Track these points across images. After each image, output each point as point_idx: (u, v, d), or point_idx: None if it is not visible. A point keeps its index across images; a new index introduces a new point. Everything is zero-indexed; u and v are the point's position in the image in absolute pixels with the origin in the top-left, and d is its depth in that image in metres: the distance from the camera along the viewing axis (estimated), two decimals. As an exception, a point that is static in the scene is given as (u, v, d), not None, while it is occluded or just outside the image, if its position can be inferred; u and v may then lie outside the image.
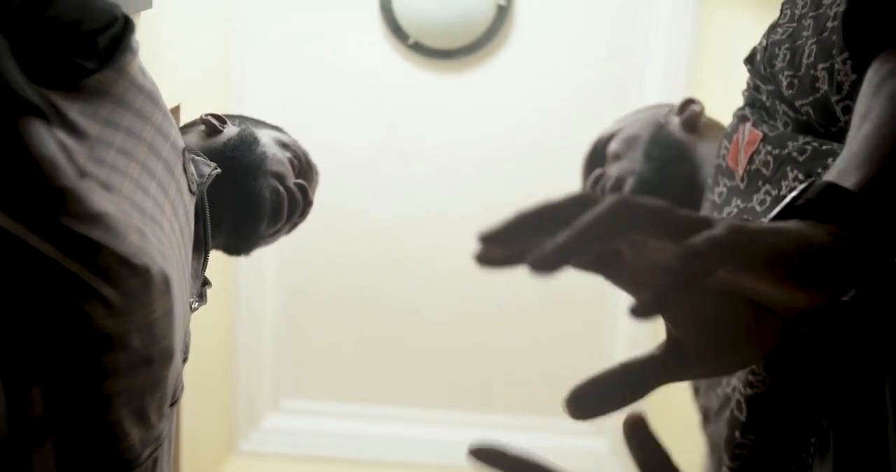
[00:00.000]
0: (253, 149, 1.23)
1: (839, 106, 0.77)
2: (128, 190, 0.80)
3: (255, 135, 1.26)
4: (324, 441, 3.16)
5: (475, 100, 2.89)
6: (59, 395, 0.77)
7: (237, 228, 1.22)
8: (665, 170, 1.30)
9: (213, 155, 1.18)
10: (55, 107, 0.75)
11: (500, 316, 3.08)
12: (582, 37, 2.84)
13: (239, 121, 1.33)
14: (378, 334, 3.11)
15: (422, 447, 3.15)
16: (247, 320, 3.04)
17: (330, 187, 2.90)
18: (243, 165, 1.20)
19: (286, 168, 1.27)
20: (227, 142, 1.23)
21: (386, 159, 2.94)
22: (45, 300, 0.74)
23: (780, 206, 0.54)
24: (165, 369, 0.87)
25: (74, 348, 0.76)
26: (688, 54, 2.76)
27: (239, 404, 3.12)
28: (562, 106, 2.87)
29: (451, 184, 2.96)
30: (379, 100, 2.90)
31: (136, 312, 0.80)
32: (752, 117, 0.92)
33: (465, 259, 2.33)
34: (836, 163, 0.58)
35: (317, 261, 3.04)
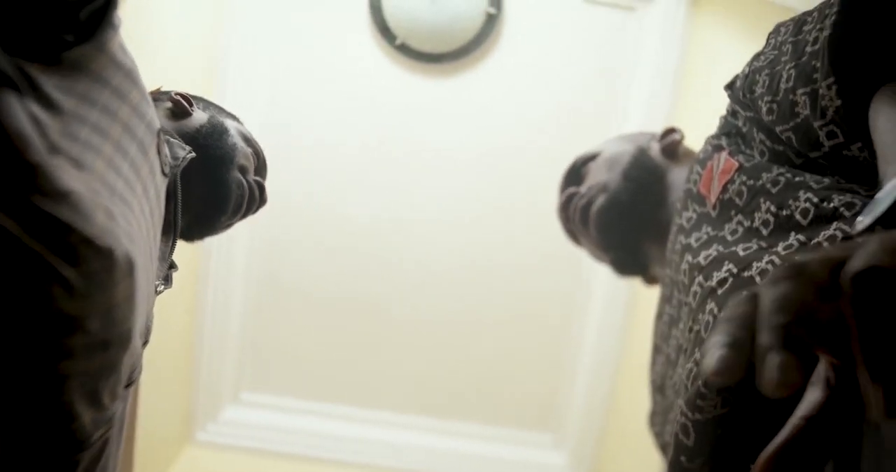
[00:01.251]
0: (224, 139, 1.23)
1: (823, 131, 0.78)
2: (99, 168, 0.79)
3: (224, 124, 1.26)
4: (282, 437, 3.14)
5: (460, 105, 2.90)
6: (12, 372, 0.76)
7: (198, 216, 1.22)
8: (639, 191, 1.32)
9: (185, 140, 1.17)
10: (31, 79, 0.73)
11: (472, 325, 3.08)
12: (570, 48, 2.85)
13: (203, 105, 1.32)
14: (346, 334, 3.10)
15: (381, 449, 3.14)
16: (213, 308, 3.02)
17: (310, 184, 2.91)
18: (216, 156, 1.20)
19: (250, 162, 1.27)
20: (199, 128, 1.22)
21: (368, 159, 2.94)
22: (4, 278, 0.72)
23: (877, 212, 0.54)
24: (122, 353, 0.86)
25: (32, 328, 0.75)
26: (674, 66, 2.78)
27: (199, 393, 3.09)
28: (547, 114, 2.88)
29: (432, 187, 2.96)
30: (364, 100, 2.90)
31: (97, 295, 0.78)
32: (729, 147, 0.93)
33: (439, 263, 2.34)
34: None
35: (290, 255, 3.03)
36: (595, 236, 1.37)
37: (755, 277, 0.77)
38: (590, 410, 3.09)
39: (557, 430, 3.19)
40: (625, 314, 2.97)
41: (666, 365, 1.12)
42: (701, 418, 0.75)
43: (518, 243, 2.98)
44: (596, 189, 1.37)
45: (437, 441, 3.17)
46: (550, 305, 3.06)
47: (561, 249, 1.82)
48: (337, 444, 3.14)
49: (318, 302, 3.07)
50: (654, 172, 1.34)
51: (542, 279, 3.02)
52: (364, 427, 3.17)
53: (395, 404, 3.18)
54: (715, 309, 0.80)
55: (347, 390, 3.17)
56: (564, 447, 3.18)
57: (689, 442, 0.77)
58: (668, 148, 1.37)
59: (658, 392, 1.19)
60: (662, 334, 1.13)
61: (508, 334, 3.08)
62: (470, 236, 2.99)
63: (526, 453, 3.18)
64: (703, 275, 0.85)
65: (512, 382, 3.13)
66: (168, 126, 1.21)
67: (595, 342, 3.05)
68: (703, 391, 0.74)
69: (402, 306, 3.07)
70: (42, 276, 0.73)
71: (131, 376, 0.94)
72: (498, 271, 3.01)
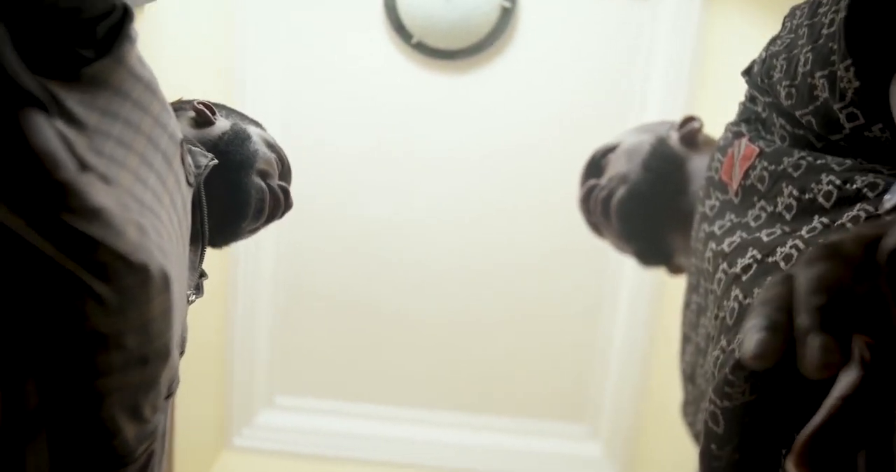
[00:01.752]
0: (246, 145, 1.23)
1: (843, 113, 0.77)
2: (127, 182, 0.79)
3: (247, 131, 1.27)
4: (317, 439, 3.16)
5: (477, 101, 2.89)
6: (53, 389, 0.76)
7: (220, 222, 1.22)
8: (660, 181, 1.31)
9: (207, 147, 1.18)
10: (54, 96, 0.74)
11: (500, 320, 3.08)
12: (586, 40, 2.84)
13: (226, 113, 1.32)
14: (373, 334, 3.11)
15: (415, 447, 3.15)
16: (243, 315, 3.04)
17: (330, 185, 2.92)
18: (236, 161, 1.21)
19: (273, 168, 1.28)
20: (221, 136, 1.23)
21: (386, 159, 2.94)
22: (39, 296, 0.73)
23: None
24: (161, 367, 0.87)
25: (67, 345, 0.76)
26: (691, 57, 2.76)
27: (233, 399, 3.12)
28: (564, 109, 2.87)
29: (450, 185, 2.96)
30: (380, 99, 2.90)
31: (132, 311, 0.79)
32: (749, 133, 0.93)
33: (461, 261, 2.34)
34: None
35: (314, 259, 3.04)
36: (617, 227, 1.37)
37: (780, 262, 0.77)
38: (623, 399, 3.08)
39: (592, 420, 3.19)
40: (652, 302, 2.96)
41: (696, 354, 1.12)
42: (730, 405, 0.75)
43: (542, 237, 2.97)
44: (616, 180, 1.36)
45: (472, 437, 3.17)
46: (578, 296, 3.05)
47: (586, 241, 1.82)
48: (372, 443, 3.15)
49: (345, 304, 3.08)
50: (673, 161, 1.33)
51: (568, 272, 3.01)
52: (399, 426, 3.18)
53: (429, 401, 3.19)
54: (740, 296, 0.80)
55: (381, 389, 3.18)
56: (600, 438, 3.18)
57: (718, 430, 0.77)
58: (687, 137, 1.36)
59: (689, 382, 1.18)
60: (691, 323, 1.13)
61: (537, 327, 3.08)
62: (494, 233, 2.98)
63: (561, 445, 3.17)
64: (728, 262, 0.85)
65: (543, 375, 3.13)
66: (191, 135, 1.21)
67: (624, 331, 3.04)
68: (730, 379, 0.73)
69: (430, 304, 3.08)
70: (76, 294, 0.74)
71: (170, 387, 0.95)
72: (524, 266, 3.01)
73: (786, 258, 0.76)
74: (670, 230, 1.33)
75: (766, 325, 0.45)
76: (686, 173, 1.31)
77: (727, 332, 0.80)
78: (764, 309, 0.46)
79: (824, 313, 0.43)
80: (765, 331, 0.44)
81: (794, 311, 0.46)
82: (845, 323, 0.43)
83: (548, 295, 3.04)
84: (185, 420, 2.41)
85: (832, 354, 0.41)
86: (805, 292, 0.45)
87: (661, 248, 1.38)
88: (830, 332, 0.42)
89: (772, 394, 0.72)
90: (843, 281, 0.45)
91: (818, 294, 0.44)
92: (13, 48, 0.70)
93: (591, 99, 2.86)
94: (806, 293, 0.45)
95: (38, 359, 0.75)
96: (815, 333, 0.42)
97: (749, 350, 0.44)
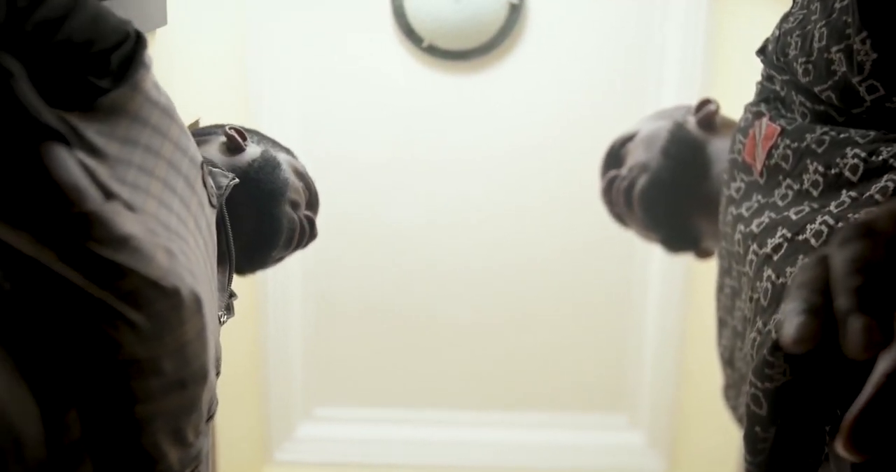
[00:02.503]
0: (276, 173, 1.24)
1: (863, 86, 0.77)
2: (151, 208, 0.80)
3: (277, 159, 1.27)
4: (358, 448, 3.17)
5: (493, 100, 2.89)
6: (95, 418, 0.77)
7: (249, 250, 1.23)
8: (680, 167, 1.31)
9: (237, 174, 1.18)
10: (73, 129, 0.74)
11: (530, 316, 3.07)
12: (596, 32, 2.83)
13: (258, 139, 1.33)
14: (405, 338, 3.11)
15: (456, 448, 3.16)
16: (275, 330, 3.05)
17: (353, 194, 2.93)
18: (267, 190, 1.21)
19: (301, 197, 1.28)
20: (251, 163, 1.23)
21: (407, 164, 2.95)
22: (75, 327, 0.74)
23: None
24: (200, 390, 0.88)
25: (105, 374, 0.76)
26: (703, 48, 2.75)
27: (271, 414, 3.13)
28: (581, 100, 2.87)
29: (472, 185, 2.96)
30: (397, 105, 2.91)
31: (167, 336, 0.80)
32: (769, 113, 0.92)
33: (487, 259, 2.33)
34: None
35: (341, 268, 3.05)
36: (641, 216, 1.36)
37: (810, 239, 0.77)
38: (661, 386, 3.07)
39: (631, 410, 3.18)
40: (683, 287, 2.95)
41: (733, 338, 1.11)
42: (771, 386, 0.74)
43: (566, 231, 2.97)
44: (637, 170, 1.36)
45: (513, 435, 3.17)
46: (607, 287, 3.05)
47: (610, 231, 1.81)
48: (413, 448, 3.16)
49: (375, 311, 3.09)
50: (693, 146, 1.33)
51: (596, 263, 3.00)
52: (439, 428, 3.19)
53: (468, 401, 3.19)
54: (773, 276, 0.79)
55: (418, 393, 3.19)
56: (640, 426, 3.17)
57: (761, 412, 0.76)
58: (704, 120, 1.36)
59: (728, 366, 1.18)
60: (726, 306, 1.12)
61: (569, 320, 3.07)
62: (517, 230, 2.98)
63: (603, 436, 3.16)
64: (758, 243, 0.84)
65: (579, 367, 3.12)
66: (220, 161, 1.22)
67: (656, 318, 3.03)
68: (769, 360, 0.73)
69: (458, 306, 3.08)
70: (110, 322, 0.75)
71: (210, 409, 0.95)
72: (549, 261, 3.01)
73: (816, 235, 0.76)
74: (695, 215, 1.32)
75: (804, 308, 0.45)
76: (707, 157, 1.31)
77: (762, 313, 0.79)
78: (801, 292, 0.46)
79: (862, 293, 0.43)
80: (803, 315, 0.44)
81: (832, 293, 0.45)
82: (885, 302, 0.43)
83: (577, 287, 3.03)
84: (225, 438, 2.42)
85: (874, 334, 0.41)
86: (842, 273, 0.45)
87: (687, 234, 1.37)
88: (870, 312, 0.42)
89: (813, 372, 0.71)
90: (879, 259, 0.45)
91: (855, 275, 0.44)
92: (30, 83, 0.71)
93: (607, 88, 2.86)
94: (843, 275, 0.45)
95: (78, 389, 0.76)
96: (856, 315, 0.42)
97: (789, 335, 0.44)
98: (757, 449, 0.80)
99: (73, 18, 0.76)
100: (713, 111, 1.36)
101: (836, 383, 0.70)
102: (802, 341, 0.43)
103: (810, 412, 0.75)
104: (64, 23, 0.75)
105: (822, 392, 0.72)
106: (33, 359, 0.73)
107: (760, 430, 0.78)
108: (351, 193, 2.93)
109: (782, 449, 0.78)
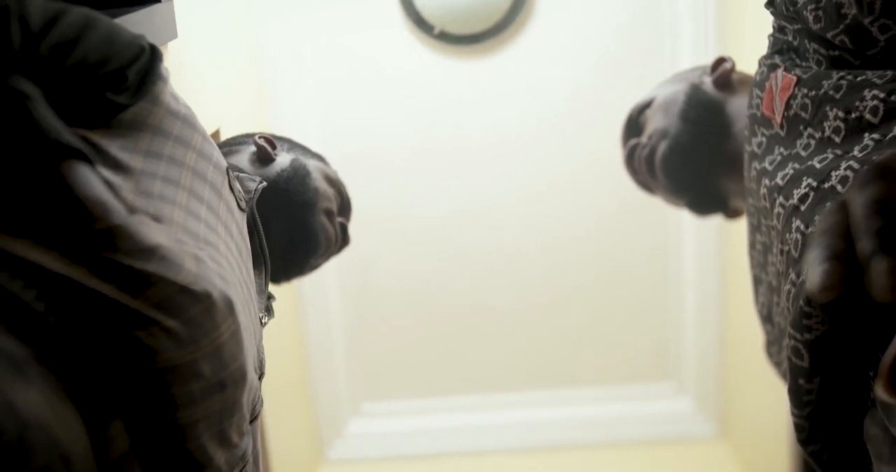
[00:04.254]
0: (307, 183, 1.25)
1: (875, 26, 0.77)
2: (179, 218, 0.81)
3: (307, 167, 1.28)
4: (409, 439, 3.19)
5: (509, 81, 2.88)
6: (140, 428, 0.78)
7: (285, 260, 1.24)
8: (700, 130, 1.30)
9: (268, 184, 1.20)
10: (96, 146, 0.76)
11: (566, 293, 3.07)
12: (605, 3, 2.81)
13: (288, 146, 1.34)
14: (446, 326, 3.12)
15: (507, 431, 3.17)
16: (317, 329, 3.07)
17: (381, 188, 2.93)
18: (300, 201, 1.23)
19: (334, 205, 1.29)
20: (280, 173, 1.25)
21: (431, 153, 2.95)
22: (110, 338, 0.75)
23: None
24: (240, 390, 0.89)
25: (145, 383, 0.78)
26: (714, 9, 2.73)
27: (320, 413, 3.15)
28: (597, 70, 2.85)
29: (497, 168, 2.95)
30: (414, 96, 2.91)
31: (203, 339, 0.81)
32: (784, 64, 0.92)
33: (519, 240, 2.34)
34: None
35: (376, 262, 3.06)
36: (665, 182, 1.36)
37: (836, 186, 0.76)
38: (705, 350, 3.06)
39: (677, 376, 3.17)
40: (717, 249, 2.94)
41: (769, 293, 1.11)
42: (810, 337, 0.74)
43: (592, 206, 2.96)
44: (657, 136, 1.35)
45: (563, 412, 3.17)
46: (640, 257, 3.03)
47: (640, 200, 1.81)
48: (465, 434, 3.17)
49: (413, 302, 3.10)
50: (711, 107, 1.32)
51: (626, 235, 2.99)
52: (489, 412, 3.20)
53: (514, 383, 3.20)
54: (802, 226, 0.79)
55: (464, 379, 3.20)
56: (688, 392, 3.16)
57: (803, 364, 0.76)
58: (720, 79, 1.35)
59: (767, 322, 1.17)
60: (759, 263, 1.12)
61: (605, 294, 3.07)
62: (543, 209, 2.97)
63: (651, 406, 3.16)
64: (783, 195, 0.84)
65: (620, 339, 3.12)
66: (249, 171, 1.23)
67: (694, 282, 3.03)
68: (806, 310, 0.73)
69: (493, 291, 3.08)
70: (146, 330, 0.76)
71: (254, 410, 0.97)
72: (580, 237, 3.00)
73: (842, 181, 0.76)
74: (720, 176, 1.32)
75: (827, 255, 0.45)
76: (727, 116, 1.30)
77: (794, 264, 0.79)
78: (823, 239, 0.46)
79: (884, 235, 0.43)
80: (827, 262, 0.44)
81: (854, 237, 0.45)
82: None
83: (612, 260, 3.03)
84: (277, 440, 2.45)
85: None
86: (862, 216, 0.45)
87: (713, 195, 1.37)
88: (894, 253, 0.42)
89: (851, 319, 0.71)
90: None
91: (875, 217, 0.44)
92: (47, 105, 0.72)
93: (621, 58, 2.84)
94: (863, 218, 0.45)
95: (120, 400, 0.77)
96: (879, 256, 0.42)
97: (815, 283, 0.44)
98: (803, 402, 0.79)
99: (86, 38, 0.77)
100: (728, 69, 1.36)
101: (875, 327, 0.69)
102: (829, 288, 0.43)
103: (852, 359, 0.75)
104: (78, 44, 0.77)
105: (863, 338, 0.72)
106: (74, 375, 0.74)
107: (804, 382, 0.78)
108: (377, 188, 2.94)
109: (828, 399, 0.78)
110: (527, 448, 3.11)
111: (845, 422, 0.79)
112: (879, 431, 0.75)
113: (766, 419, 2.60)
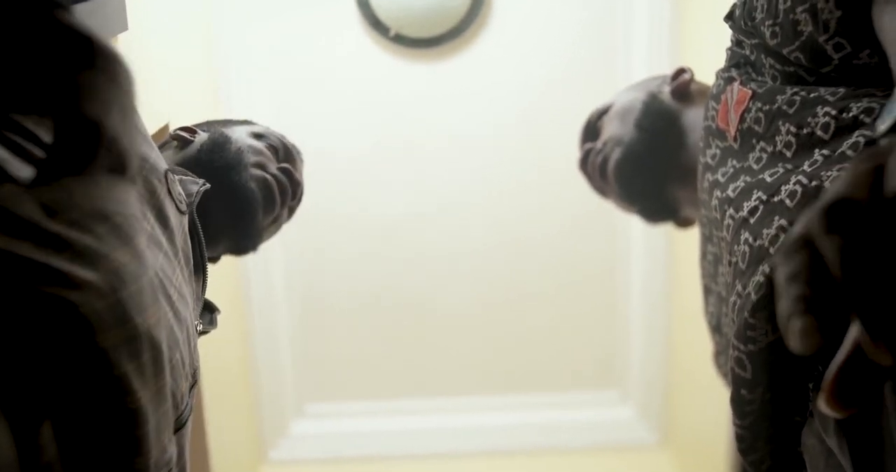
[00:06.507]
0: (227, 147, 1.23)
1: (829, 45, 0.78)
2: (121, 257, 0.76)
3: (225, 134, 1.26)
4: (353, 441, 3.17)
5: (466, 84, 2.89)
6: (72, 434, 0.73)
7: (237, 228, 1.22)
8: (655, 139, 1.31)
9: (191, 164, 1.18)
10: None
11: (516, 299, 3.08)
12: (562, 6, 2.83)
13: (207, 126, 1.33)
14: (394, 330, 3.12)
15: (451, 435, 3.16)
16: (262, 329, 3.05)
17: (335, 189, 2.92)
18: (222, 166, 1.20)
19: (265, 156, 1.27)
20: (200, 148, 1.23)
21: (387, 155, 2.94)
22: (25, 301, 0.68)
23: None
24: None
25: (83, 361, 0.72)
26: (670, 18, 2.75)
27: (264, 413, 3.13)
28: (551, 77, 2.86)
29: (451, 171, 2.96)
30: (370, 97, 2.90)
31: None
32: (740, 77, 0.93)
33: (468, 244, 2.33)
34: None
35: (325, 263, 3.04)
36: (617, 189, 1.37)
37: (784, 200, 0.77)
38: (649, 359, 3.09)
39: (622, 385, 3.19)
40: (666, 258, 2.97)
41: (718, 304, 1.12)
42: (754, 348, 0.75)
43: (546, 211, 2.97)
44: (611, 144, 1.36)
45: (507, 417, 3.18)
46: (590, 264, 3.05)
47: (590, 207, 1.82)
48: (409, 438, 3.16)
49: (361, 304, 3.09)
50: (666, 117, 1.33)
51: (576, 241, 3.01)
52: (433, 416, 3.20)
53: (459, 388, 3.20)
54: (750, 239, 0.80)
55: (409, 383, 3.19)
56: (631, 400, 3.19)
57: (746, 374, 0.77)
58: (678, 89, 1.36)
59: (716, 332, 1.18)
60: (709, 273, 1.13)
61: (554, 301, 3.08)
62: (497, 214, 2.98)
63: (595, 413, 3.18)
64: (734, 207, 0.85)
65: (567, 346, 3.13)
66: (175, 159, 1.22)
67: (642, 291, 3.05)
68: (751, 322, 0.74)
69: (444, 293, 3.08)
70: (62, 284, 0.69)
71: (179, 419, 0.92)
72: (531, 242, 3.01)
73: (790, 196, 0.77)
74: (673, 185, 1.32)
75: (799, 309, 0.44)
76: (682, 127, 1.31)
77: (741, 276, 0.80)
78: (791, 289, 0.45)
79: (806, 300, 0.43)
80: (800, 319, 0.44)
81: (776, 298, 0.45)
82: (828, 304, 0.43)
83: (561, 267, 3.04)
84: (219, 440, 2.42)
85: (812, 336, 0.42)
86: (784, 284, 0.45)
87: (665, 204, 1.38)
88: (814, 314, 0.42)
89: None
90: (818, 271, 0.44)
91: (796, 285, 0.44)
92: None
93: (578, 63, 2.86)
94: (785, 285, 0.45)
95: (51, 401, 0.71)
96: (796, 316, 0.43)
97: (797, 346, 0.43)
98: (744, 412, 0.80)
99: None
100: (687, 80, 1.36)
101: None
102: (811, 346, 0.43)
103: (794, 371, 0.76)
104: None
105: None
106: None
107: (746, 392, 0.79)
108: (333, 188, 2.92)
109: (768, 410, 0.79)
110: (470, 453, 3.12)
111: (784, 433, 0.80)
112: (816, 442, 0.76)
113: (707, 428, 2.63)
